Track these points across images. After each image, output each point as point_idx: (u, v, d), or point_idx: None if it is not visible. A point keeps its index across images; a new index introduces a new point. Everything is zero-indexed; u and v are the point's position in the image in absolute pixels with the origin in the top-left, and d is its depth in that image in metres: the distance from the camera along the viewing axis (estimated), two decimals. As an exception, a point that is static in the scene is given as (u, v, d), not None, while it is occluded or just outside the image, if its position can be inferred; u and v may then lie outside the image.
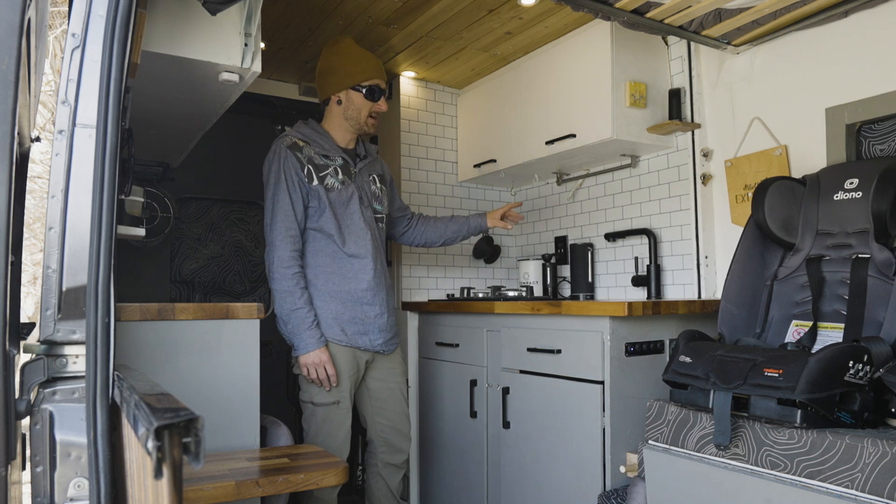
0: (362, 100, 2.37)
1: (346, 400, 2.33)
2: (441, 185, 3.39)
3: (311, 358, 2.22)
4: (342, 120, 2.41)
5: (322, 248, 2.31)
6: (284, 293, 2.20)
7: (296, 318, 2.20)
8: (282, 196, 2.24)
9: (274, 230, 2.23)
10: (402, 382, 2.55)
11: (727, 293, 2.01)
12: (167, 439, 0.63)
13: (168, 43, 1.79)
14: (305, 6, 2.55)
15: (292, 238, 2.24)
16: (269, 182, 2.28)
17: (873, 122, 2.11)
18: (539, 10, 2.56)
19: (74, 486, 1.18)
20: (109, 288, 1.07)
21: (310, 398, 2.30)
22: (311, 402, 2.30)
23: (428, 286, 3.30)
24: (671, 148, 2.70)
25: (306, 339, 2.21)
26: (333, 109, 2.41)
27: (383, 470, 2.52)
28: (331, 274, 2.31)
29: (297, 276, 2.22)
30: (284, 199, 2.24)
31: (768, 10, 2.13)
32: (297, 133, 2.38)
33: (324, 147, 2.38)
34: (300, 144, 2.34)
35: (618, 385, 2.08)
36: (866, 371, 1.49)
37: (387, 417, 2.50)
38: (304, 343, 2.21)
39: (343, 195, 2.34)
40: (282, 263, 2.21)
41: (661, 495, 1.76)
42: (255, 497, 1.52)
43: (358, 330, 2.33)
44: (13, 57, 1.02)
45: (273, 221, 2.24)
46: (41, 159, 6.40)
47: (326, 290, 2.29)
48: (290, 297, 2.20)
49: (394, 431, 2.51)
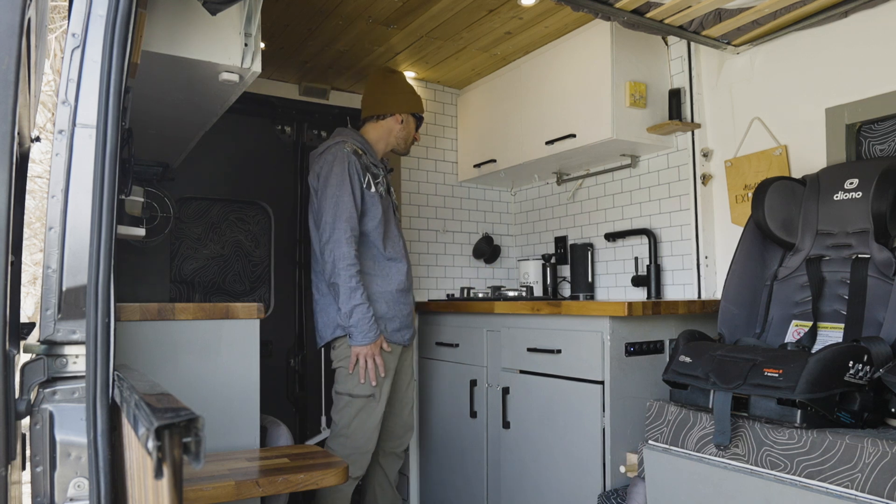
0: (414, 126, 2.68)
1: (382, 395, 2.46)
2: (441, 185, 3.39)
3: (367, 349, 2.36)
4: (390, 136, 2.63)
5: (366, 251, 2.47)
6: (350, 290, 2.33)
7: (358, 312, 2.34)
8: (346, 197, 2.36)
9: (338, 229, 2.34)
10: (411, 375, 2.71)
11: (727, 293, 2.01)
12: (167, 439, 0.63)
13: (168, 43, 1.79)
14: (305, 6, 2.55)
15: (355, 238, 2.38)
16: (331, 182, 2.38)
17: (873, 122, 2.11)
18: (539, 11, 2.56)
19: (74, 486, 1.18)
20: (109, 288, 1.07)
21: (348, 390, 2.41)
22: (348, 394, 2.41)
23: (428, 286, 3.30)
24: (671, 148, 2.70)
25: (367, 331, 2.35)
26: (386, 125, 2.62)
27: (383, 459, 2.65)
28: (374, 276, 2.47)
29: (359, 273, 2.37)
30: (349, 200, 2.36)
31: (768, 10, 2.13)
32: (354, 141, 2.52)
33: (373, 157, 2.56)
34: (360, 153, 2.49)
35: (618, 385, 2.08)
36: (866, 371, 1.49)
37: (395, 409, 2.62)
38: (364, 335, 2.35)
39: (387, 203, 2.54)
40: (346, 261, 2.32)
41: (661, 495, 1.76)
42: (255, 497, 1.53)
43: (397, 326, 2.49)
44: (13, 57, 1.02)
45: (336, 220, 2.35)
46: (41, 159, 6.39)
47: (370, 291, 2.44)
48: (354, 294, 2.33)
49: (399, 422, 2.65)
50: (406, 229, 3.24)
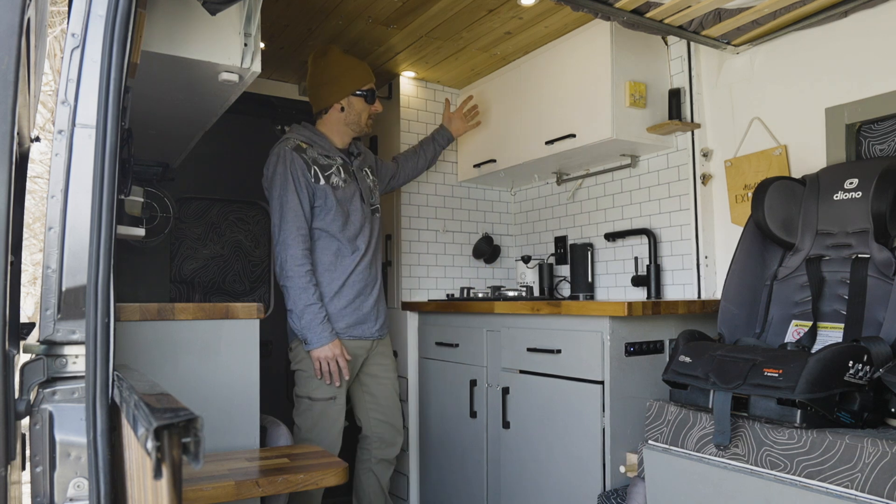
0: (362, 104, 2.52)
1: (341, 396, 2.39)
2: (441, 185, 3.39)
3: (325, 352, 2.29)
4: (342, 125, 2.52)
5: (326, 245, 2.39)
6: (299, 290, 2.27)
7: (309, 313, 2.27)
8: (290, 196, 2.31)
9: (285, 229, 2.30)
10: (394, 378, 2.63)
11: (727, 293, 2.01)
12: (166, 439, 0.63)
13: (168, 43, 1.79)
14: (305, 6, 2.55)
15: (303, 237, 2.31)
16: (276, 184, 2.34)
17: (873, 122, 2.11)
18: (539, 10, 2.56)
19: (74, 486, 1.18)
20: (109, 288, 1.07)
21: (307, 393, 2.34)
22: (307, 398, 2.35)
23: (428, 286, 3.30)
24: (671, 148, 2.70)
25: (320, 333, 2.28)
26: (334, 116, 2.52)
27: (376, 466, 2.58)
28: (334, 271, 2.39)
29: (309, 273, 2.30)
30: (293, 200, 2.31)
31: (768, 10, 2.13)
32: (298, 136, 2.45)
33: (325, 148, 2.47)
34: (303, 146, 2.41)
35: (618, 385, 2.08)
36: (866, 371, 1.49)
37: (382, 413, 2.57)
38: (318, 337, 2.28)
39: (347, 192, 2.44)
40: (295, 261, 2.28)
41: (661, 495, 1.76)
42: (255, 497, 1.52)
43: (358, 320, 2.42)
44: (13, 57, 1.02)
45: (283, 221, 2.30)
46: (41, 159, 6.40)
47: (331, 287, 2.37)
48: (304, 294, 2.27)
49: (388, 427, 2.59)
50: (406, 229, 3.24)
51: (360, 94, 2.51)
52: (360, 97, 2.51)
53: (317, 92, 2.53)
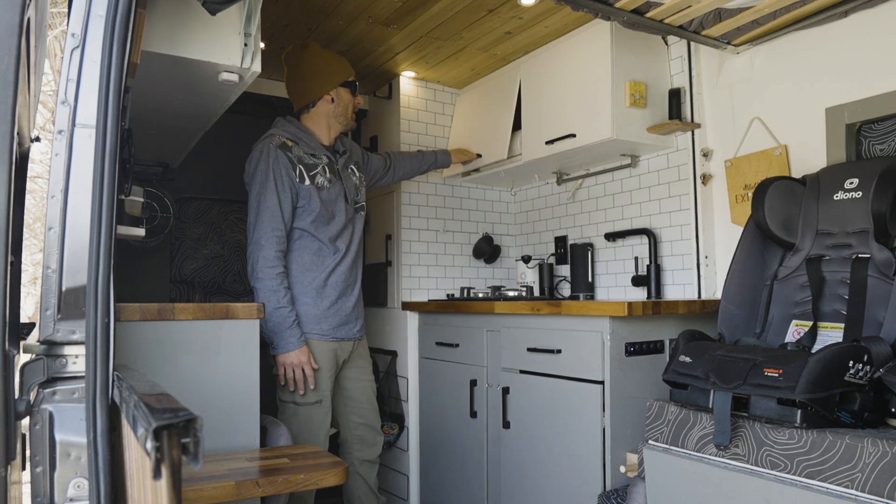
0: (349, 96, 2.49)
1: (327, 399, 2.37)
2: (441, 185, 3.39)
3: (291, 358, 2.24)
4: (330, 119, 2.47)
5: (307, 245, 2.34)
6: (268, 292, 2.21)
7: (277, 316, 2.21)
8: (269, 196, 2.25)
9: (259, 229, 2.24)
10: (371, 379, 2.61)
11: (727, 293, 2.01)
12: (166, 440, 0.63)
13: (168, 43, 1.79)
14: (305, 6, 2.55)
15: (278, 238, 2.25)
16: (256, 181, 2.28)
17: (873, 121, 2.11)
18: (539, 10, 2.56)
19: (74, 486, 1.18)
20: (109, 288, 1.07)
21: (292, 399, 2.31)
22: (293, 402, 2.31)
23: (428, 286, 3.30)
24: (671, 148, 2.70)
25: (287, 337, 2.22)
26: (322, 109, 2.46)
27: (360, 467, 2.56)
28: (315, 272, 2.34)
29: (280, 275, 2.24)
30: (272, 199, 2.25)
31: (768, 10, 2.13)
32: (283, 132, 2.38)
33: (311, 146, 2.41)
34: (289, 144, 2.34)
35: (618, 385, 2.08)
36: (866, 371, 1.49)
37: (361, 416, 2.55)
38: (285, 342, 2.22)
39: (332, 193, 2.39)
40: (266, 263, 2.22)
41: (661, 495, 1.76)
42: (255, 497, 1.52)
43: (339, 321, 2.39)
44: (13, 57, 1.02)
45: (259, 220, 2.24)
46: (41, 159, 6.40)
47: (311, 287, 2.33)
48: (273, 296, 2.21)
49: (367, 429, 2.57)
50: (406, 229, 3.24)
51: (347, 85, 2.48)
52: (346, 88, 2.48)
53: (303, 85, 2.45)
